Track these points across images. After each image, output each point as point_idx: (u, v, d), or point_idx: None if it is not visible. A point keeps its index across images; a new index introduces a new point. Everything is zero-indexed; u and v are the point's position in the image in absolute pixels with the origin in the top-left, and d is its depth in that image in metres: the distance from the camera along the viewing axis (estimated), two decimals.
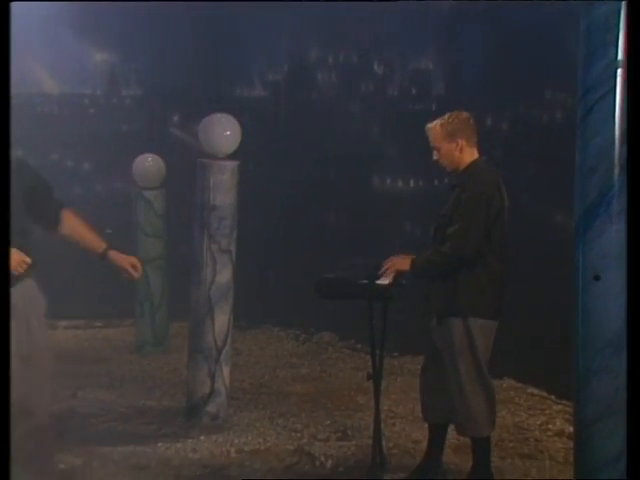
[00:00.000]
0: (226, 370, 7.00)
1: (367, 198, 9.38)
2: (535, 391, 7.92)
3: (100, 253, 4.79)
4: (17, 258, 4.43)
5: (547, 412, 7.48)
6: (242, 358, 8.98)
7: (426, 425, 5.93)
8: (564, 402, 7.44)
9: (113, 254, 4.78)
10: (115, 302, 9.74)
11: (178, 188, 8.57)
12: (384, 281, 5.35)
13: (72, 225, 4.83)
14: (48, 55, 9.96)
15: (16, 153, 4.64)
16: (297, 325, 10.14)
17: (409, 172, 9.09)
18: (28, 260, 4.46)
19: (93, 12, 9.73)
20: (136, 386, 8.11)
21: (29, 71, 9.93)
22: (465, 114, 5.65)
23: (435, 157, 5.63)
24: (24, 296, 4.64)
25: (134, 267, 4.79)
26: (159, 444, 6.54)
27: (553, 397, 7.74)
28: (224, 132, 6.83)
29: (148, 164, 9.11)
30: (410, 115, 8.94)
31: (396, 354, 8.79)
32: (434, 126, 5.61)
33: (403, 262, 5.49)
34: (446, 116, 5.62)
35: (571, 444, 6.14)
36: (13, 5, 10.22)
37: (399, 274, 5.46)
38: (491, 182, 5.52)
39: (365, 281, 5.33)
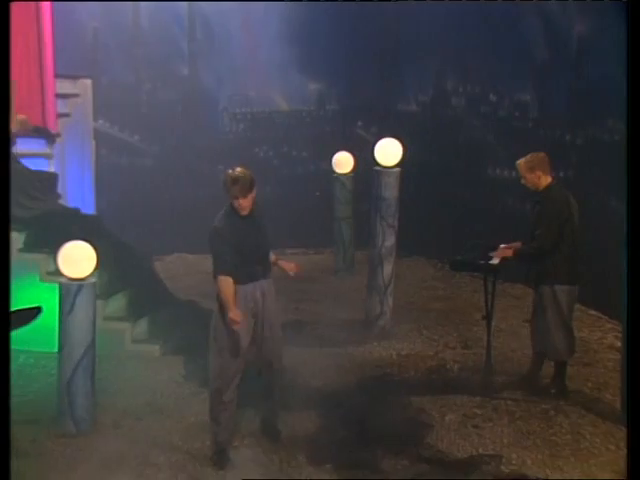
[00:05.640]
0: (390, 299, 7.02)
1: (484, 181, 8.99)
2: (594, 312, 7.43)
3: (273, 261, 4.86)
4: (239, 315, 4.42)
5: (602, 329, 7.10)
6: (399, 281, 8.38)
7: (520, 336, 6.19)
8: (614, 321, 7.03)
9: (280, 261, 4.90)
10: (319, 237, 9.70)
11: (362, 172, 8.39)
12: (495, 261, 5.31)
13: None
14: (282, 86, 9.99)
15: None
16: (435, 255, 9.79)
17: (512, 165, 8.56)
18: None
19: (308, 56, 9.68)
20: (334, 301, 7.95)
21: (270, 97, 10.06)
22: (542, 154, 5.37)
23: (522, 181, 5.43)
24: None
25: (291, 269, 4.88)
26: (349, 347, 6.52)
27: (606, 317, 7.26)
28: (392, 151, 6.76)
29: (342, 158, 9.02)
30: (513, 129, 8.53)
31: (500, 281, 8.31)
32: (520, 162, 5.37)
33: (508, 251, 5.38)
34: (529, 156, 5.36)
35: (619, 355, 5.91)
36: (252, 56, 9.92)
37: (505, 258, 5.34)
38: (560, 199, 5.30)
39: (482, 261, 5.32)
